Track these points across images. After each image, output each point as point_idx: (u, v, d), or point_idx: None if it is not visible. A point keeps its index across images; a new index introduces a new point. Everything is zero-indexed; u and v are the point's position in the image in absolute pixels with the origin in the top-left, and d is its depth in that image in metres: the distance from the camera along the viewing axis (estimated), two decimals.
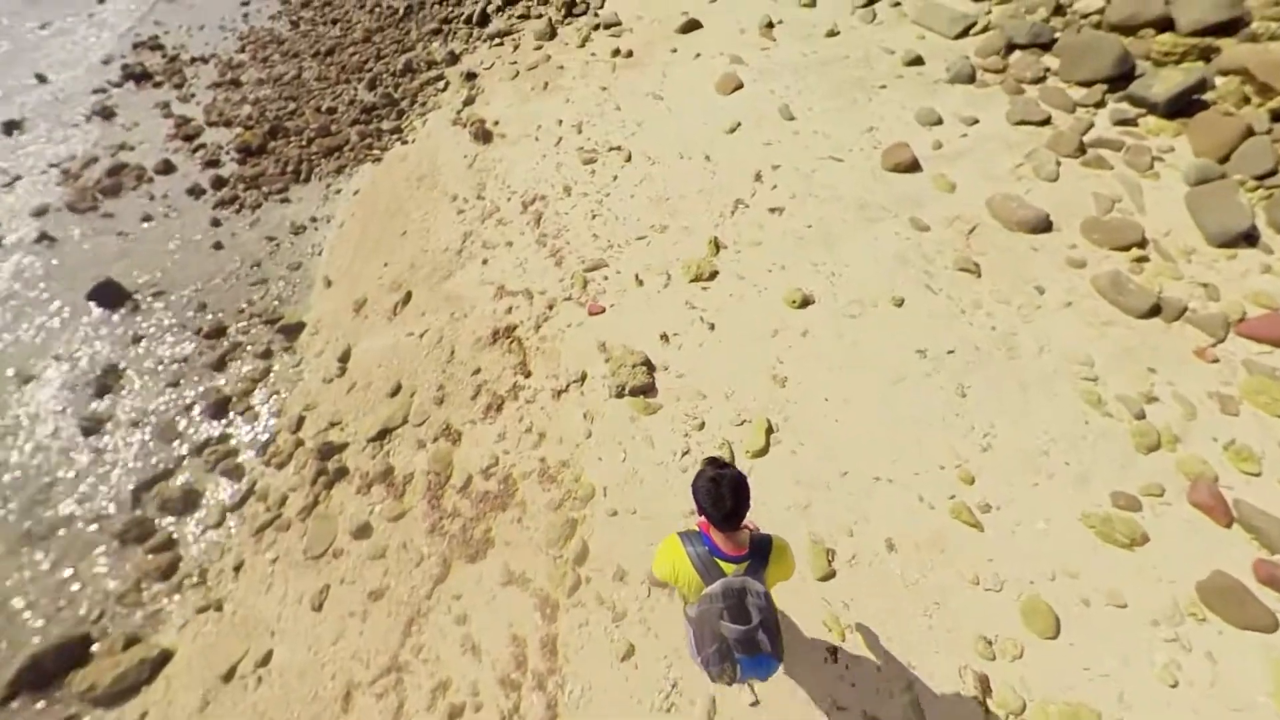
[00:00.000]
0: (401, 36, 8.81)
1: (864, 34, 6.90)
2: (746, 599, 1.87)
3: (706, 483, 1.85)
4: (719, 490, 1.82)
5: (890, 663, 2.90)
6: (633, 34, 7.86)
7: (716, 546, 1.95)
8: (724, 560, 1.94)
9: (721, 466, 1.90)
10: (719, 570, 1.92)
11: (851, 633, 3.00)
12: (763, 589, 1.91)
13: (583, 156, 6.14)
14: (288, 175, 6.58)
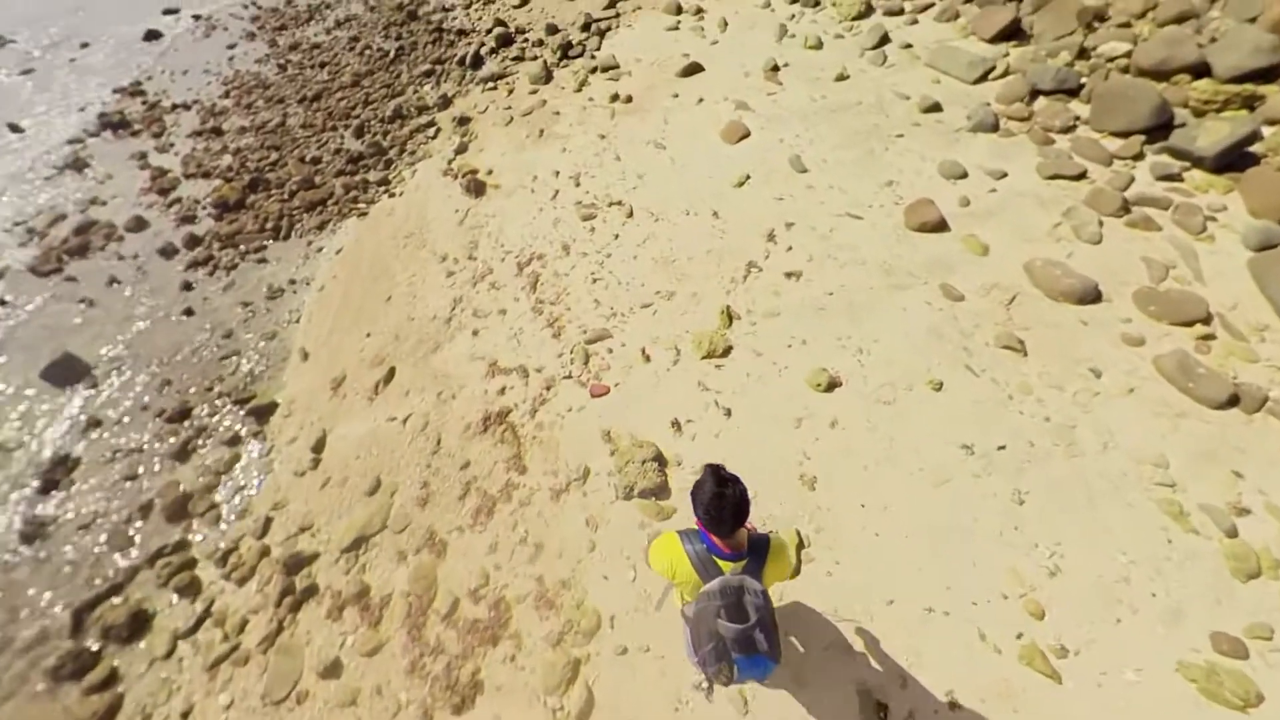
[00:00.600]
0: (392, 80, 8.52)
1: (875, 78, 6.60)
2: (744, 597, 1.87)
3: (709, 497, 1.84)
4: (721, 508, 1.83)
5: None
6: (632, 77, 7.57)
7: (715, 544, 1.95)
8: (722, 558, 1.95)
9: (723, 482, 1.86)
10: (717, 568, 1.93)
11: None
12: (760, 587, 1.91)
13: (581, 212, 5.77)
14: (266, 232, 6.19)
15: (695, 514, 1.93)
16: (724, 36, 7.93)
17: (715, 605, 1.86)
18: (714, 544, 1.96)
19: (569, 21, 9.09)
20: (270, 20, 10.57)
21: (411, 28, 9.80)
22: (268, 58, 9.49)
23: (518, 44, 8.87)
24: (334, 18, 10.49)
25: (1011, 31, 6.58)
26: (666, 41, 8.11)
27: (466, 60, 8.62)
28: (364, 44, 9.44)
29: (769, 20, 8.02)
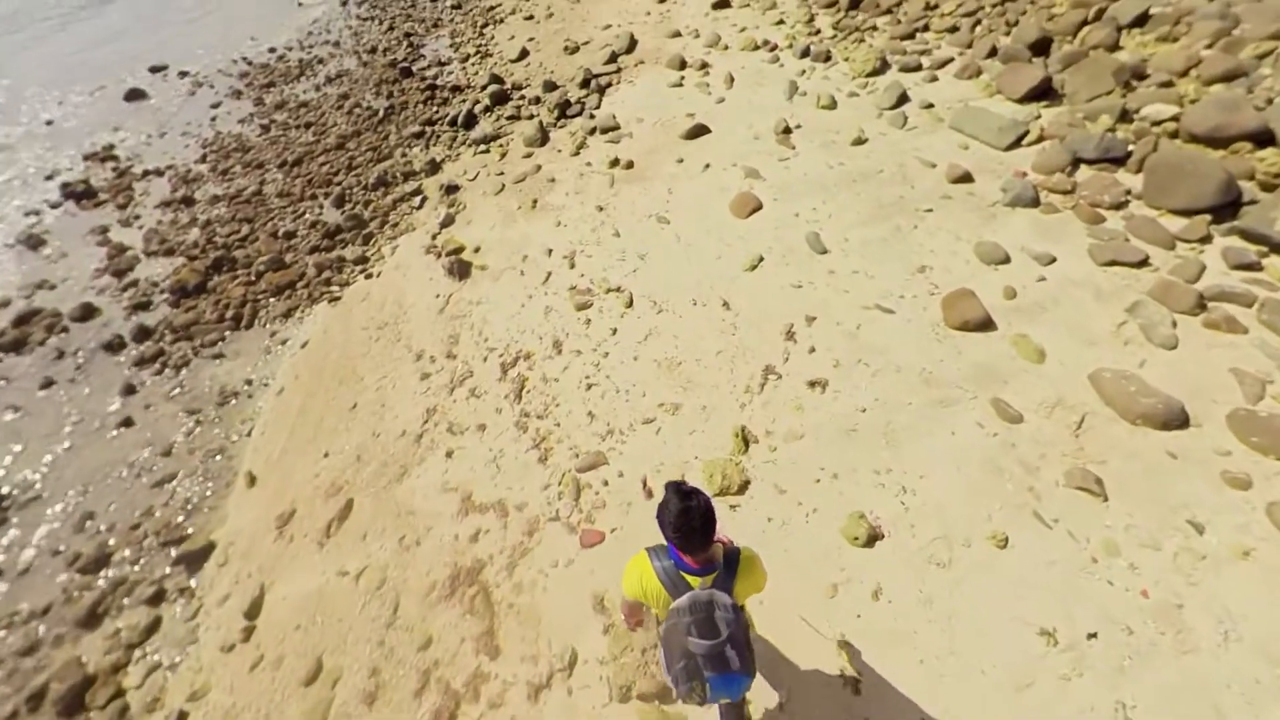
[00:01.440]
0: (379, 142, 8.10)
1: (896, 142, 6.08)
2: (715, 613, 1.82)
3: (674, 515, 1.79)
4: (689, 523, 1.78)
5: None
6: (633, 140, 7.10)
7: (683, 560, 1.90)
8: (690, 573, 1.90)
9: (688, 495, 1.81)
10: (686, 584, 1.89)
11: None
12: (731, 602, 1.86)
13: (576, 299, 5.19)
14: (226, 322, 5.63)
15: (664, 535, 1.87)
16: (730, 94, 7.49)
17: (685, 621, 1.82)
18: (681, 559, 1.91)
19: (568, 77, 8.71)
20: (259, 77, 10.28)
21: (404, 85, 9.46)
22: (251, 117, 9.13)
23: (514, 101, 8.47)
24: (325, 73, 10.19)
25: (1042, 91, 6.07)
26: (670, 99, 7.68)
27: (459, 120, 8.21)
28: (353, 102, 9.08)
29: (778, 76, 7.59)
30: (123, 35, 12.33)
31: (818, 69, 7.56)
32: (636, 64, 8.66)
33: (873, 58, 7.15)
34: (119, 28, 12.68)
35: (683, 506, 1.78)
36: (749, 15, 9.20)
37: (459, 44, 10.62)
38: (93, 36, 12.24)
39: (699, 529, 1.78)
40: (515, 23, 10.79)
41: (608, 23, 9.86)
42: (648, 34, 9.32)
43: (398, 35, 11.25)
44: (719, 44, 8.58)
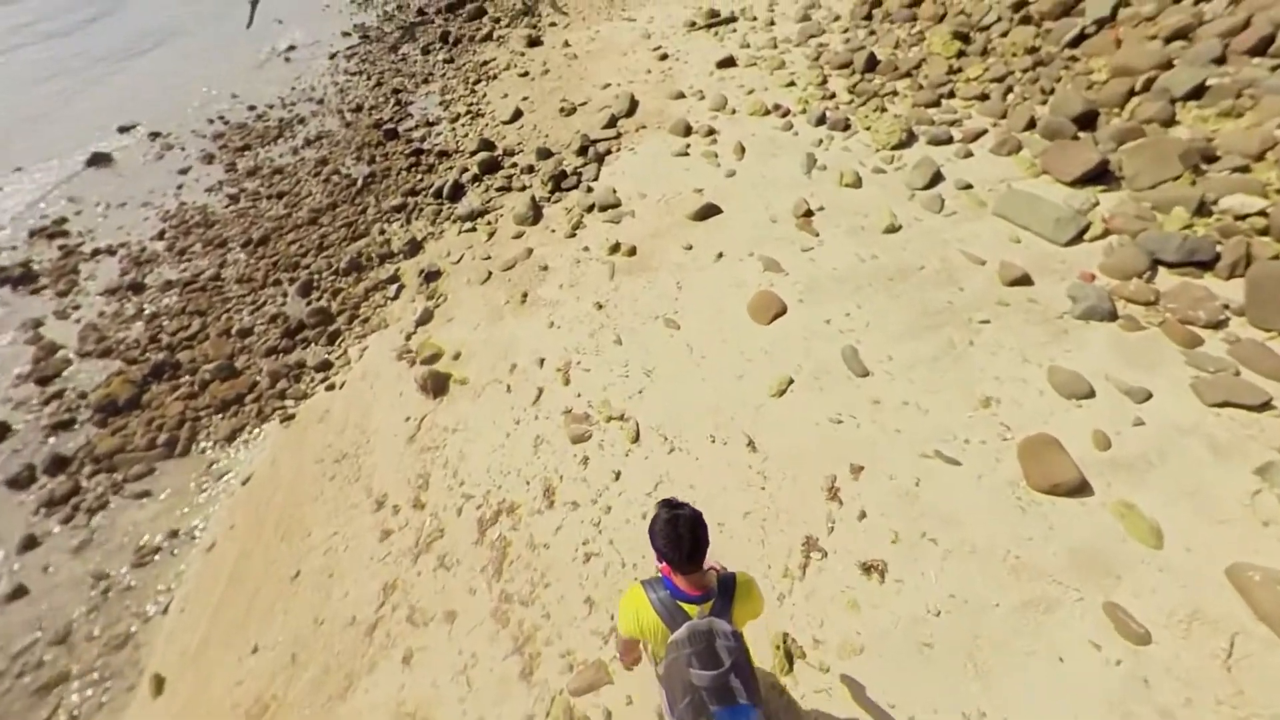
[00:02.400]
0: (356, 217, 7.37)
1: (934, 230, 5.35)
2: (715, 642, 1.76)
3: (663, 524, 1.78)
4: (676, 530, 1.76)
5: None
6: (635, 220, 6.37)
7: (678, 588, 1.85)
8: (687, 602, 1.85)
9: (676, 506, 1.82)
10: (683, 614, 1.83)
11: None
12: (731, 628, 1.82)
13: (571, 429, 4.36)
14: (157, 449, 4.78)
15: (655, 552, 1.82)
16: (742, 166, 6.81)
17: (685, 654, 1.74)
18: (677, 588, 1.85)
19: (563, 143, 8.06)
20: (234, 138, 9.63)
21: (387, 148, 8.79)
22: (220, 185, 8.43)
23: (505, 170, 7.79)
24: (304, 135, 9.55)
25: (1097, 173, 5.38)
26: (675, 170, 6.99)
27: (444, 191, 7.50)
28: (331, 169, 8.39)
29: (793, 146, 6.92)
30: (96, 90, 11.75)
31: (836, 139, 6.90)
32: (638, 128, 8.01)
33: (898, 128, 6.49)
34: (93, 80, 12.12)
35: (671, 515, 1.78)
36: (756, 75, 8.61)
37: (449, 102, 10.03)
38: (59, 92, 11.65)
39: (687, 537, 1.75)
40: (509, 79, 10.23)
41: (606, 81, 9.28)
42: (649, 94, 8.72)
43: (385, 92, 10.68)
44: (726, 107, 7.96)
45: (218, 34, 13.89)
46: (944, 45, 7.74)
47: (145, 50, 13.54)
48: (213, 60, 12.81)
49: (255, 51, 13.16)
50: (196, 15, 15.21)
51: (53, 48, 14.13)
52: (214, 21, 14.24)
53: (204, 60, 12.84)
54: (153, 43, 14.01)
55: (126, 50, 13.56)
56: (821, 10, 10.01)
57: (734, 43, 9.62)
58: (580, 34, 11.27)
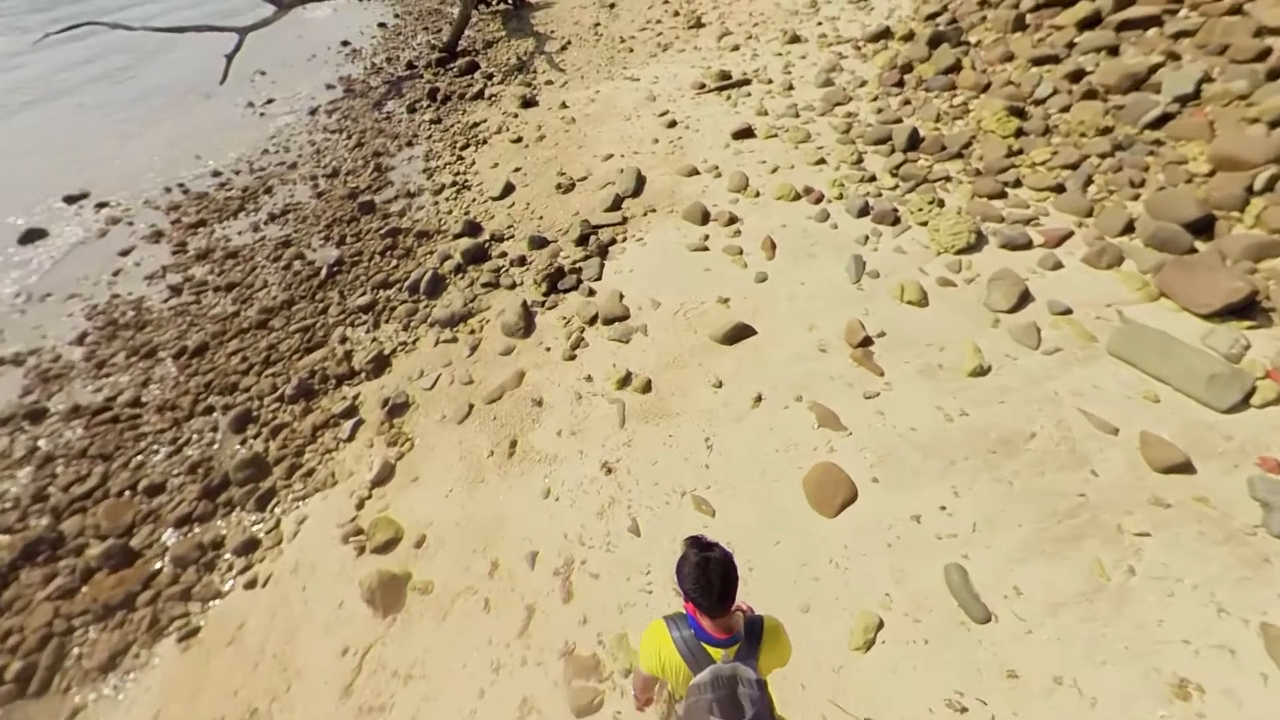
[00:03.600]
0: (315, 318, 6.12)
1: (1036, 375, 4.13)
2: (738, 689, 1.66)
3: (692, 567, 1.69)
4: (707, 575, 1.67)
5: None
6: (648, 339, 5.14)
7: (703, 630, 1.75)
8: (712, 644, 1.75)
9: (706, 547, 1.72)
10: (707, 656, 1.74)
11: None
12: (755, 677, 1.71)
13: (573, 691, 3.02)
14: (4, 686, 3.39)
15: (682, 592, 1.74)
16: (774, 268, 5.63)
17: (706, 699, 1.65)
18: (702, 629, 1.75)
19: (560, 228, 6.88)
20: (190, 210, 8.41)
21: (361, 226, 7.59)
22: (164, 273, 7.16)
23: (493, 260, 6.58)
24: (270, 207, 8.35)
25: (1243, 306, 4.21)
26: (693, 270, 5.80)
27: (421, 285, 6.26)
28: (295, 252, 7.16)
29: (833, 242, 5.76)
30: (47, 149, 10.57)
31: (885, 235, 5.75)
32: (646, 212, 6.85)
33: (963, 228, 5.34)
34: (45, 139, 10.95)
35: (701, 558, 1.69)
36: (778, 149, 7.52)
37: (433, 169, 8.89)
38: (6, 149, 10.47)
39: (718, 583, 1.66)
40: (500, 145, 9.13)
41: (609, 151, 8.18)
42: (657, 169, 7.60)
43: (365, 155, 9.54)
44: (747, 189, 6.83)
45: (195, 87, 12.82)
46: (998, 122, 6.68)
47: (121, 106, 12.44)
48: (187, 116, 11.70)
49: (232, 106, 12.08)
50: (182, 69, 14.19)
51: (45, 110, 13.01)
52: (194, 76, 13.19)
53: (177, 117, 11.73)
54: (124, 100, 12.92)
55: (101, 105, 12.46)
56: (844, 74, 9.02)
57: (749, 109, 8.58)
58: (579, 94, 10.24)
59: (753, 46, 10.65)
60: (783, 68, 9.60)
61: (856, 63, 9.31)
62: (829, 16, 11.22)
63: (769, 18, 11.76)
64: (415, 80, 12.59)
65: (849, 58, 9.54)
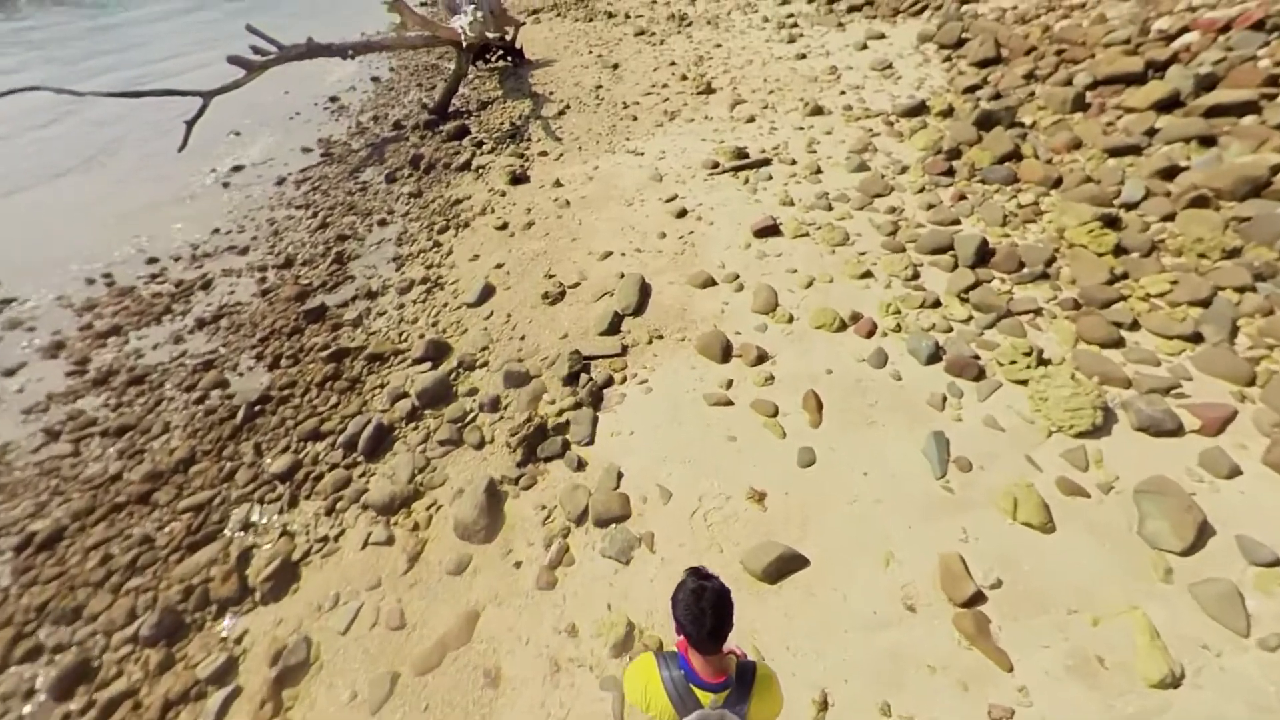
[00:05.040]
0: (215, 487, 4.61)
1: (1258, 693, 2.57)
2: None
3: (687, 595, 1.64)
4: (700, 604, 1.61)
5: None
6: (655, 561, 3.61)
7: (694, 671, 1.70)
8: (702, 688, 1.68)
9: (705, 577, 1.69)
10: (695, 700, 1.68)
11: None
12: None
13: None
14: None
15: (675, 622, 1.68)
16: (822, 440, 4.14)
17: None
18: (693, 671, 1.69)
19: (544, 357, 5.41)
20: (106, 312, 6.96)
21: (303, 341, 6.15)
22: (48, 403, 5.67)
23: (458, 401, 5.10)
24: (202, 310, 6.90)
25: None
26: (713, 437, 4.31)
27: (360, 441, 4.76)
28: (214, 379, 5.69)
29: (900, 402, 4.29)
30: None
31: (967, 394, 4.28)
32: (651, 338, 5.40)
33: (1085, 404, 3.86)
34: None
35: (697, 585, 1.65)
36: (811, 253, 6.13)
37: (404, 259, 7.51)
38: None
39: (710, 614, 1.60)
40: (483, 231, 7.77)
41: (606, 248, 6.79)
42: (665, 274, 6.20)
43: (329, 238, 8.18)
44: (776, 310, 5.40)
45: (157, 150, 11.58)
46: (1088, 234, 5.29)
47: (63, 172, 11.18)
48: (139, 187, 10.41)
49: (194, 173, 10.81)
50: (147, 126, 13.00)
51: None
52: (159, 136, 11.98)
53: (130, 186, 10.44)
54: (78, 160, 11.69)
55: (41, 172, 11.20)
56: (879, 156, 7.72)
57: (771, 196, 7.25)
58: (575, 169, 8.96)
59: (770, 118, 9.43)
60: (806, 144, 8.33)
61: (891, 142, 8.03)
62: (852, 85, 10.05)
63: (785, 84, 10.61)
64: (400, 143, 11.37)
65: (881, 135, 8.27)
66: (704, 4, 18.21)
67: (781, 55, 12.08)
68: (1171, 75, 7.20)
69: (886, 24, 12.65)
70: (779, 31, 13.55)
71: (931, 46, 10.93)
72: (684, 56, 13.20)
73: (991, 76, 9.00)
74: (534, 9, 22.67)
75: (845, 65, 10.93)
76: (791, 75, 10.98)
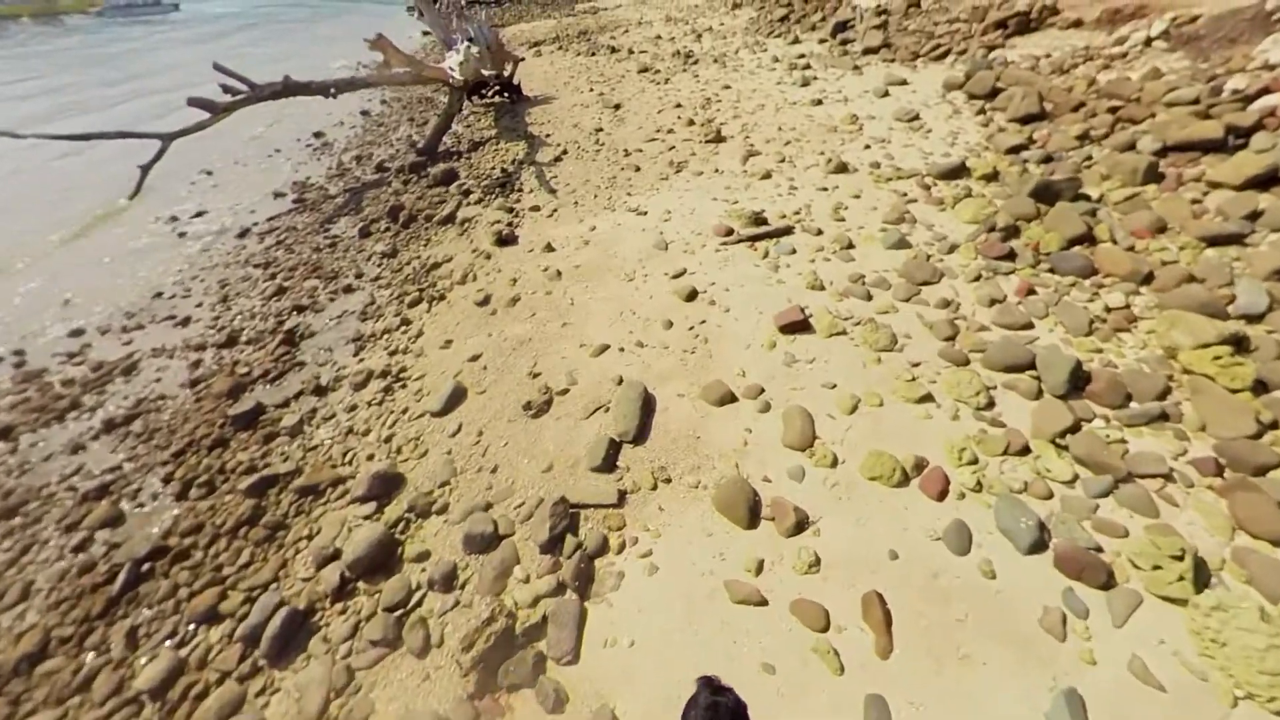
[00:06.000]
0: (59, 708, 3.27)
1: None
2: None
3: (702, 711, 1.57)
4: (716, 718, 1.54)
5: None
6: None
7: None
8: None
9: (718, 691, 1.61)
10: None
11: None
12: None
13: None
14: None
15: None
16: (894, 681, 2.88)
17: None
18: None
19: (519, 503, 4.16)
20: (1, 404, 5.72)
21: (226, 459, 4.90)
22: None
23: (402, 571, 3.83)
24: (115, 406, 5.66)
25: None
26: (742, 666, 3.06)
27: (262, 635, 3.48)
28: (106, 512, 4.42)
29: (999, 622, 3.05)
30: None
31: (1095, 611, 3.03)
32: (656, 482, 4.16)
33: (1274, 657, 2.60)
34: None
35: (711, 702, 1.57)
36: (852, 361, 4.92)
37: (365, 340, 6.30)
38: None
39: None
40: (461, 307, 6.57)
41: (603, 340, 5.60)
42: (672, 382, 4.99)
43: (283, 309, 6.98)
44: (815, 448, 4.17)
45: (119, 193, 10.41)
46: (1213, 361, 4.09)
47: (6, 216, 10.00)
48: (84, 239, 9.22)
49: (150, 221, 9.64)
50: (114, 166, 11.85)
51: None
52: (119, 181, 10.83)
53: (69, 240, 9.23)
54: (32, 204, 10.51)
55: None
56: (919, 229, 6.58)
57: (797, 276, 6.08)
58: (570, 229, 7.81)
59: (788, 174, 8.32)
60: (832, 209, 7.19)
61: (931, 210, 6.90)
62: (876, 138, 8.97)
63: (803, 134, 9.53)
64: (381, 189, 10.25)
65: (918, 201, 7.14)
66: (710, 41, 17.35)
67: (796, 100, 11.05)
68: (1259, 142, 6.11)
69: (906, 69, 11.66)
70: (791, 73, 12.57)
71: (960, 96, 9.90)
72: (690, 98, 12.19)
73: (1037, 135, 7.92)
74: (536, 41, 21.86)
75: (867, 114, 9.88)
76: (808, 124, 9.92)
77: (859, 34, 13.86)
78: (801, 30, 16.04)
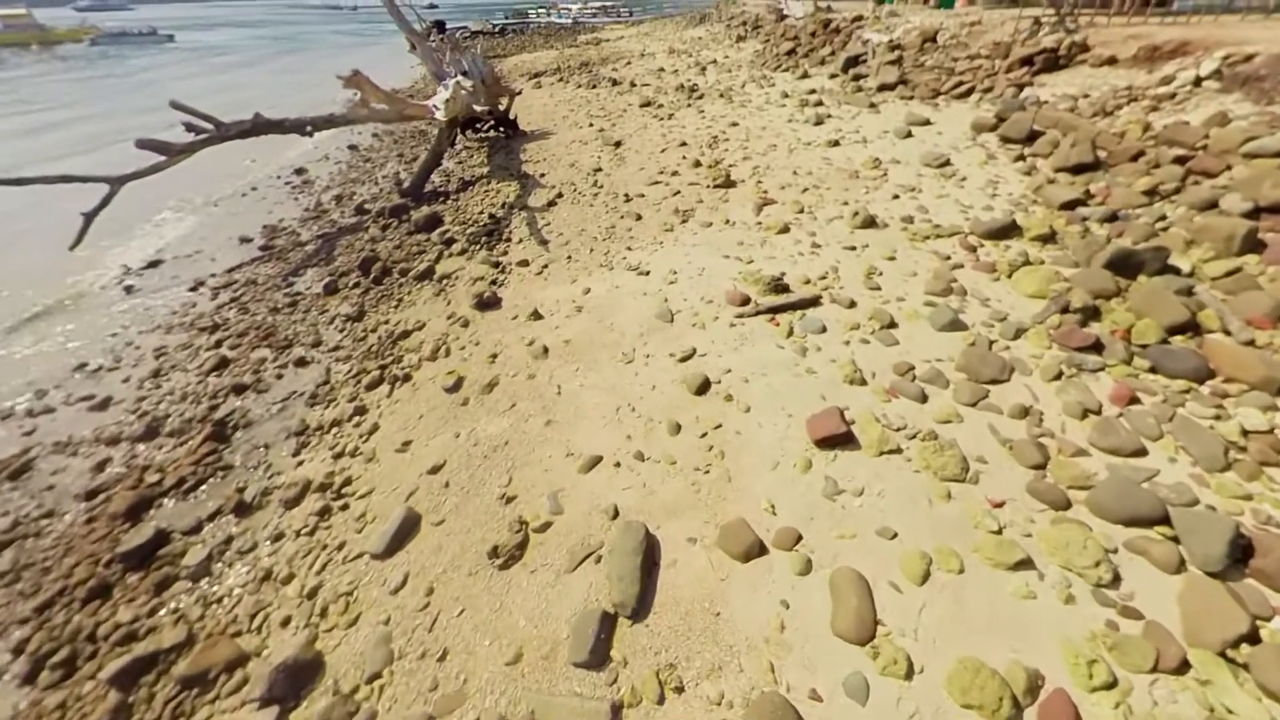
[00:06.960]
0: None
1: None
2: None
3: None
4: None
5: None
6: None
7: None
8: None
9: None
10: None
11: None
12: None
13: None
14: None
15: None
16: None
17: None
18: None
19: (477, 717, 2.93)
20: None
21: (102, 615, 3.71)
22: None
23: None
24: (22, 503, 4.49)
25: None
26: None
27: None
28: None
29: None
30: None
31: None
32: (662, 690, 2.97)
33: None
34: None
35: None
36: (913, 495, 3.76)
37: (309, 434, 5.14)
38: None
39: None
40: (427, 392, 5.44)
41: (595, 451, 4.45)
42: (681, 518, 3.81)
43: (221, 389, 5.84)
44: (880, 644, 2.98)
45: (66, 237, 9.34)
46: None
47: None
48: (18, 289, 8.13)
49: (97, 268, 8.57)
50: None
51: None
52: (63, 225, 9.77)
53: (5, 288, 8.15)
54: None
55: None
56: (972, 303, 5.46)
57: (829, 361, 4.95)
58: (561, 291, 6.71)
59: (808, 228, 7.25)
60: (864, 274, 6.09)
61: (983, 279, 5.79)
62: (905, 186, 7.93)
63: (821, 179, 8.50)
64: (358, 234, 9.20)
65: (965, 266, 6.05)
66: (715, 74, 16.54)
67: (810, 140, 10.07)
68: None
69: (928, 107, 10.71)
70: (802, 110, 11.64)
71: (992, 139, 8.90)
72: (696, 135, 11.23)
73: (1094, 188, 6.86)
74: (536, 72, 21.15)
75: (890, 158, 8.87)
76: (826, 167, 8.90)
77: (872, 69, 12.99)
78: (810, 64, 15.22)
